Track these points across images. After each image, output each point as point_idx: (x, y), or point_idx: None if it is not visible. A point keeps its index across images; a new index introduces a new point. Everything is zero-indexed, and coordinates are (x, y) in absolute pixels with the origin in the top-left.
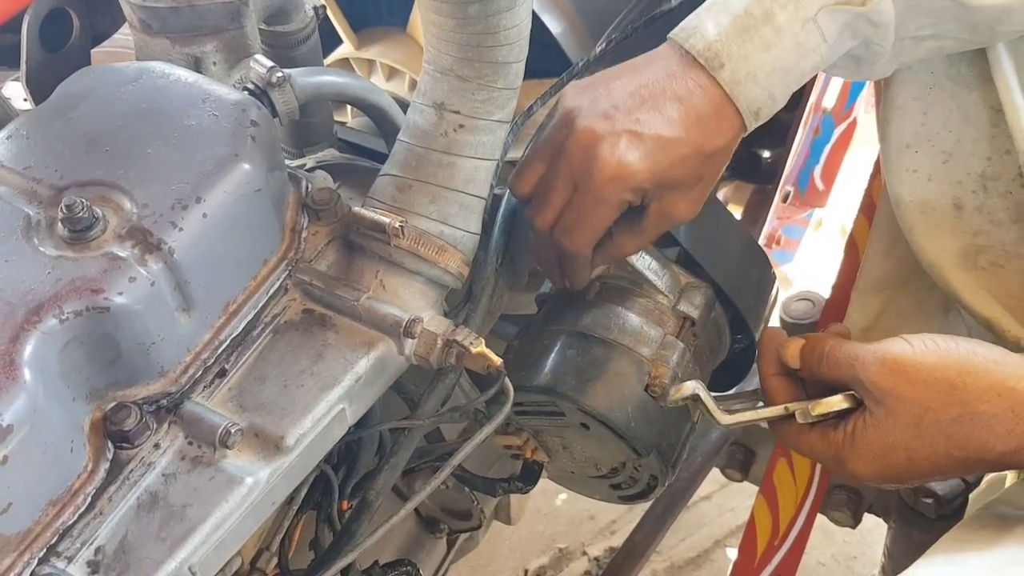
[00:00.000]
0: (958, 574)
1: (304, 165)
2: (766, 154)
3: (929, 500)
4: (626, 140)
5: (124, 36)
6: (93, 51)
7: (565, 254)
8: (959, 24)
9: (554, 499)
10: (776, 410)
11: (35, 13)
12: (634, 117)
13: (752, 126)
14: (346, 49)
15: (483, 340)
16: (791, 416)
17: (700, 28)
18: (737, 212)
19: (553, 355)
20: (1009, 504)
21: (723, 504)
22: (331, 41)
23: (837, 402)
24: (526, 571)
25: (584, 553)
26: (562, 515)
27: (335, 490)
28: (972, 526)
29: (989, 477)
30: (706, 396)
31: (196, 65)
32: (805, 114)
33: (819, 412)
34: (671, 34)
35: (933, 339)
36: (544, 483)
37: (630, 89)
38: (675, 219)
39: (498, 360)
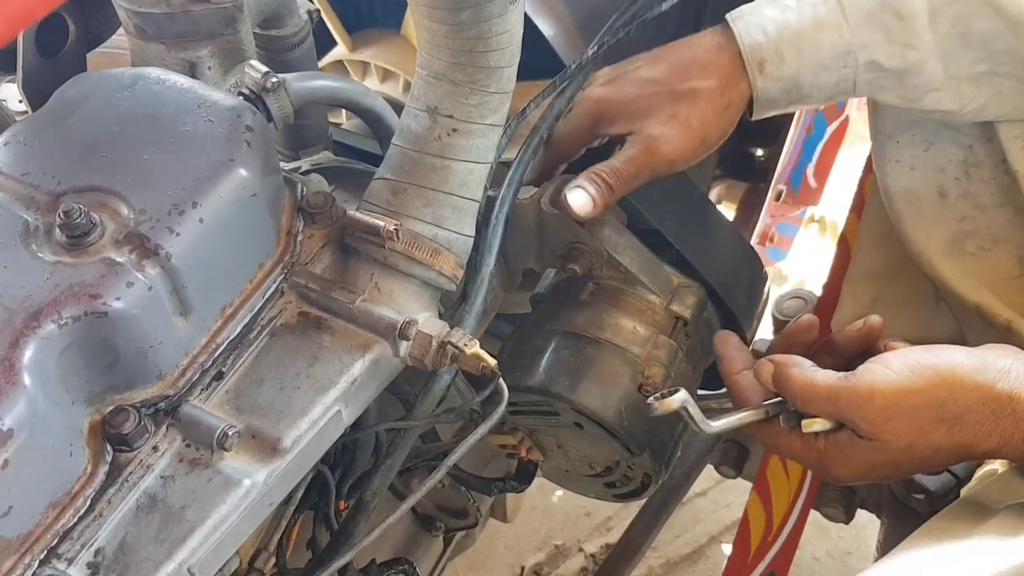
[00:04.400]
0: (927, 559)
1: (299, 168)
2: (759, 153)
3: (921, 496)
4: (607, 77)
5: (121, 37)
6: (89, 54)
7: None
8: (1012, 57)
9: (550, 496)
10: (757, 414)
11: None
12: (632, 66)
13: (756, 78)
14: (340, 51)
15: (478, 341)
16: (773, 418)
17: (742, 6)
18: (730, 210)
19: (547, 355)
20: (986, 498)
21: (718, 500)
22: (325, 43)
23: (824, 423)
24: (523, 568)
25: (580, 550)
26: (558, 512)
27: (332, 490)
28: (948, 516)
29: (980, 472)
30: (692, 408)
31: (191, 70)
32: (798, 113)
33: (809, 431)
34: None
35: (912, 358)
36: (540, 480)
37: (649, 49)
38: (654, 150)
39: (492, 361)
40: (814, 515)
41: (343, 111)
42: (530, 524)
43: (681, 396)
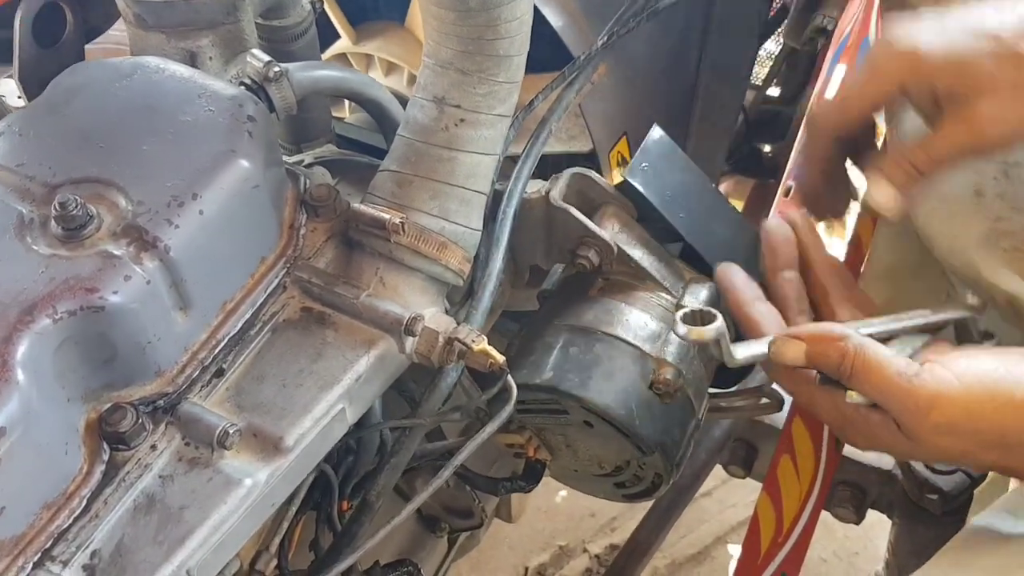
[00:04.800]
0: None
1: (302, 161)
2: (767, 148)
3: (934, 496)
4: (928, 21)
5: (119, 32)
6: (87, 47)
7: (809, 131)
8: None
9: (554, 496)
10: None
11: (28, 8)
12: (949, 7)
13: None
14: (343, 44)
15: (485, 337)
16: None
17: None
18: (738, 207)
19: (555, 352)
20: (1001, 519)
21: (724, 500)
22: (328, 36)
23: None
24: (527, 569)
25: (585, 550)
26: (562, 512)
27: (335, 490)
28: (968, 537)
29: (993, 473)
30: (724, 340)
31: (192, 60)
32: (808, 108)
33: (850, 401)
34: None
35: (987, 371)
36: (544, 480)
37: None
38: (984, 131)
39: (501, 358)
40: (822, 514)
41: (346, 105)
42: (534, 524)
43: (717, 325)
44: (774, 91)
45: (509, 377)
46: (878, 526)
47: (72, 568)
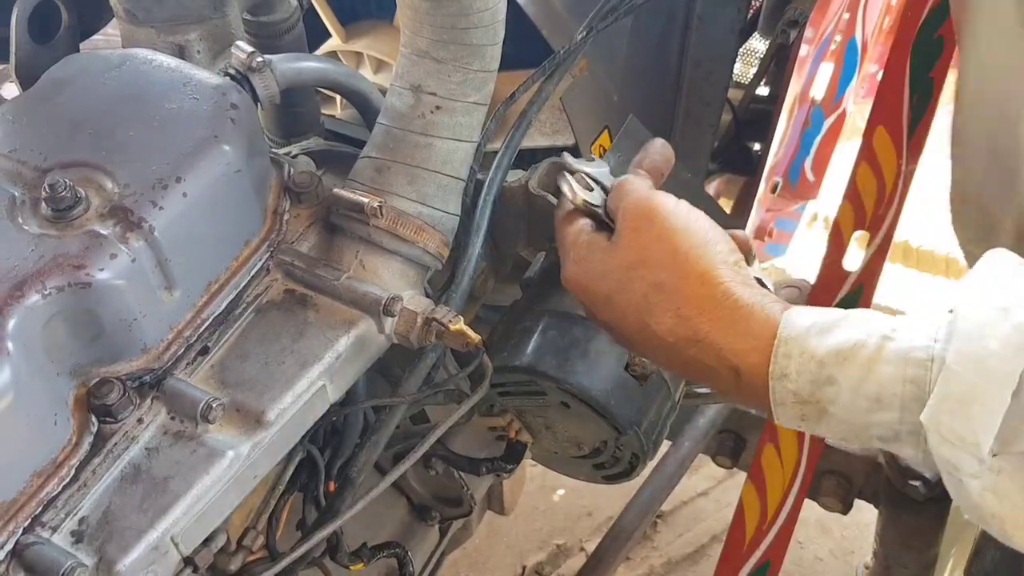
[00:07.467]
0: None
1: (289, 152)
2: (756, 147)
3: (917, 483)
4: None
5: (113, 31)
6: (82, 45)
7: None
8: None
9: (551, 496)
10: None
11: (24, 5)
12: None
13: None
14: (334, 42)
15: (462, 318)
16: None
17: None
18: (728, 205)
19: (535, 336)
20: None
21: (720, 500)
22: (319, 35)
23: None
24: (524, 567)
25: (582, 549)
26: (560, 512)
27: (321, 471)
28: None
29: None
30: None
31: (180, 53)
32: (788, 104)
33: (580, 201)
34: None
35: (698, 212)
36: (542, 480)
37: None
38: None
39: (477, 337)
40: (817, 514)
41: (338, 103)
42: (532, 524)
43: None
44: (763, 90)
45: (485, 356)
46: (874, 526)
47: (61, 533)
